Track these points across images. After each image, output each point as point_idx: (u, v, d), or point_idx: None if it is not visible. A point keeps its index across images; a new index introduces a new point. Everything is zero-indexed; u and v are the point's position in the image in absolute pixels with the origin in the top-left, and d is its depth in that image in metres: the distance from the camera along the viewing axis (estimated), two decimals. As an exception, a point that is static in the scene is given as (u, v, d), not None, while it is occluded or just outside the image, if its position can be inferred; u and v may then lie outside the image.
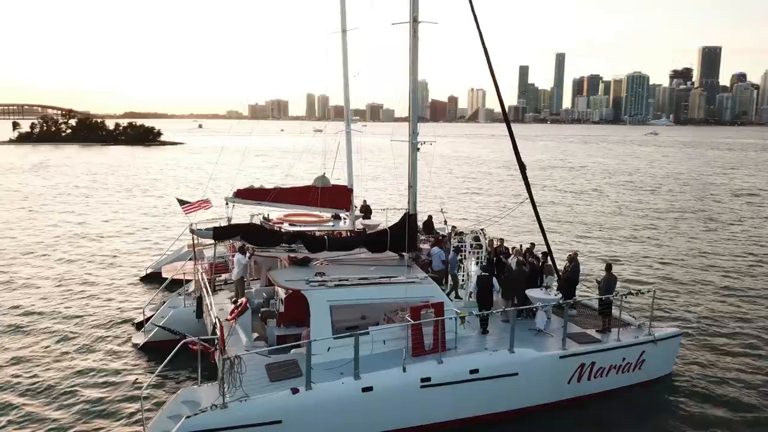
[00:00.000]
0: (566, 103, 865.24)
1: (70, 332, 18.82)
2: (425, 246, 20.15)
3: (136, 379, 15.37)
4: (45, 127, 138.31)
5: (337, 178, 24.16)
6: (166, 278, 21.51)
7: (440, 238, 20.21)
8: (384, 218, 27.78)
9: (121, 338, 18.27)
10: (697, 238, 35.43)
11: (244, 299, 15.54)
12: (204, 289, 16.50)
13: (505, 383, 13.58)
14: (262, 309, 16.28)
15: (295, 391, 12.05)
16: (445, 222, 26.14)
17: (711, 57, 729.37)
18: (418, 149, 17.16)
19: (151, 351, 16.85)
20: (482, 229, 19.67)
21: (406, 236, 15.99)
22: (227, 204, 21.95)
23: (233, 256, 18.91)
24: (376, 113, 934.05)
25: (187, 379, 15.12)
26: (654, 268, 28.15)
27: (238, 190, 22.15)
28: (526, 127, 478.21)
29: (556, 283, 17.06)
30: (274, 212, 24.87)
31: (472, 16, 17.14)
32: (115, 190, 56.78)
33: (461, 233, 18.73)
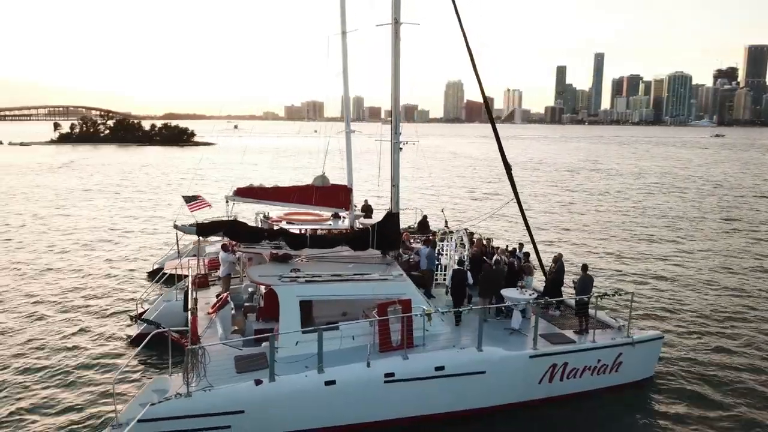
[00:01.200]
0: (605, 103, 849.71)
1: (70, 321, 19.69)
2: (417, 245, 20.36)
3: (118, 367, 15.98)
4: (84, 128, 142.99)
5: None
6: (166, 273, 22.20)
7: (429, 237, 20.37)
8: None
9: (116, 329, 18.97)
10: (720, 241, 34.66)
11: (225, 294, 16.01)
12: (191, 284, 17.03)
13: (472, 381, 13.66)
14: (246, 304, 16.74)
15: (258, 382, 12.42)
16: (446, 222, 26.24)
17: (757, 56, 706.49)
18: (401, 149, 17.36)
19: (141, 342, 17.49)
20: (465, 229, 19.76)
21: (368, 237, 16.28)
22: (227, 202, 22.52)
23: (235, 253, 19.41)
24: (410, 114, 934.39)
25: (165, 369, 15.67)
26: (653, 271, 27.77)
27: (238, 189, 22.63)
28: (563, 129, 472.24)
29: (533, 284, 17.05)
30: (275, 211, 25.32)
31: (456, 15, 17.27)
32: (140, 188, 58.40)
33: (444, 233, 18.85)
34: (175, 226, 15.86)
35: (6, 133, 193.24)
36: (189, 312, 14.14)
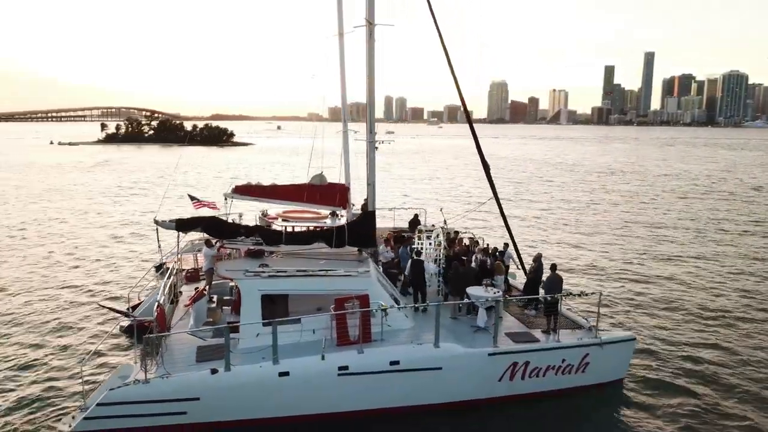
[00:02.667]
0: (655, 104, 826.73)
1: (69, 310, 20.68)
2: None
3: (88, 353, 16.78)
4: (129, 129, 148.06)
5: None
6: (168, 268, 23.05)
7: (403, 236, 20.68)
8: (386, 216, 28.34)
9: (111, 320, 19.87)
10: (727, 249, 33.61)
11: (201, 287, 16.62)
12: (174, 276, 17.73)
13: (428, 377, 13.83)
14: (225, 297, 17.33)
15: (214, 371, 12.93)
16: (445, 222, 26.35)
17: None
18: (377, 148, 17.67)
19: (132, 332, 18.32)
20: (443, 227, 19.88)
21: (344, 234, 16.63)
22: (226, 200, 23.27)
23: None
24: (453, 114, 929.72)
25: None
26: (642, 272, 27.39)
27: (237, 186, 23.31)
28: (610, 130, 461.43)
29: (501, 283, 17.09)
30: (274, 209, 25.95)
31: (431, 16, 17.46)
32: (166, 186, 60.23)
33: (421, 231, 18.99)
34: (155, 221, 16.54)
35: (59, 133, 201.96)
36: (157, 303, 14.78)
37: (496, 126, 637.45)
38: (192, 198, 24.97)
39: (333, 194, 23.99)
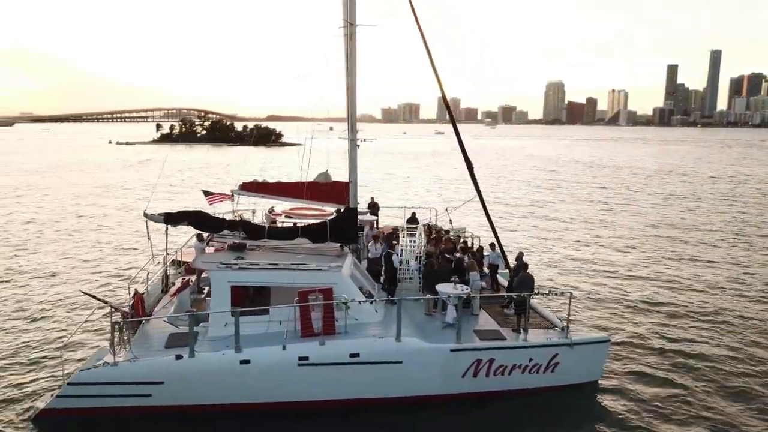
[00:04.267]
0: (721, 104, 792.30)
1: (71, 299, 21.88)
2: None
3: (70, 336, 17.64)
4: (183, 129, 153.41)
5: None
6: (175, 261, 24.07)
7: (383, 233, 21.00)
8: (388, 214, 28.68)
9: (101, 308, 20.87)
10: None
11: (186, 279, 17.36)
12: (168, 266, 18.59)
13: (387, 370, 14.03)
14: (209, 289, 18.03)
15: (178, 357, 13.56)
16: (450, 222, 26.45)
17: None
18: (358, 146, 18.01)
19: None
20: (426, 225, 19.99)
21: (325, 230, 17.05)
22: (233, 196, 24.11)
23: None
24: (508, 115, 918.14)
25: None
26: (628, 273, 26.83)
27: (243, 183, 24.07)
28: (671, 131, 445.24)
29: (478, 281, 17.08)
30: (281, 206, 26.62)
31: (413, 16, 17.65)
32: (200, 184, 62.20)
33: (401, 229, 19.18)
34: (145, 215, 17.37)
35: (119, 133, 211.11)
36: (135, 291, 15.60)
37: (551, 127, 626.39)
38: (206, 193, 25.96)
39: (337, 192, 24.50)
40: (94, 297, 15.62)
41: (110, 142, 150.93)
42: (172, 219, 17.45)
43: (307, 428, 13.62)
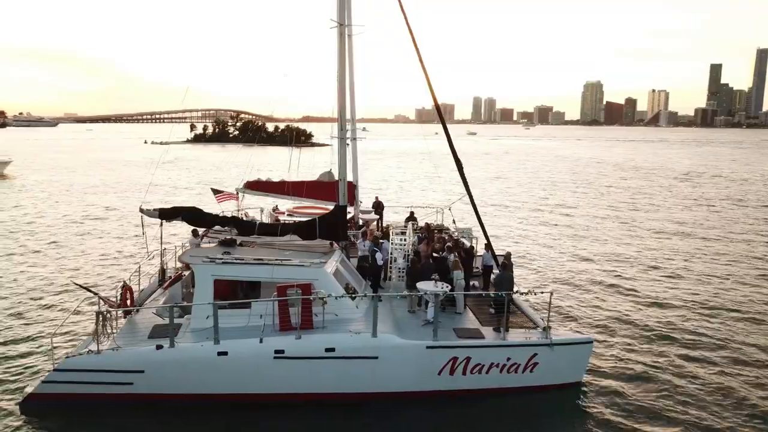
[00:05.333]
0: (767, 105, 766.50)
1: (72, 292, 22.59)
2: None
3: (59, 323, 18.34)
4: (216, 129, 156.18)
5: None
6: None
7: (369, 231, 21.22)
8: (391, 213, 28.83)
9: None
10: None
11: (179, 272, 17.86)
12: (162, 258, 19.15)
13: (363, 365, 14.23)
14: None
15: (159, 347, 14.02)
16: (454, 221, 26.48)
17: None
18: (348, 144, 18.23)
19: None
20: (412, 223, 20.04)
21: (314, 227, 17.34)
22: (238, 194, 24.67)
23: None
24: (544, 116, 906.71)
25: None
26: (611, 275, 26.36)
27: (248, 182, 24.67)
28: (714, 132, 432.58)
29: (462, 280, 17.11)
30: (286, 204, 27.08)
31: (403, 18, 17.80)
32: (221, 184, 63.48)
33: (388, 227, 19.31)
34: (141, 210, 17.93)
35: (156, 133, 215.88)
36: (123, 282, 16.16)
37: (588, 128, 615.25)
38: (215, 191, 26.67)
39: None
40: (84, 288, 16.23)
41: (145, 142, 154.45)
42: (166, 214, 17.97)
43: (289, 423, 13.84)
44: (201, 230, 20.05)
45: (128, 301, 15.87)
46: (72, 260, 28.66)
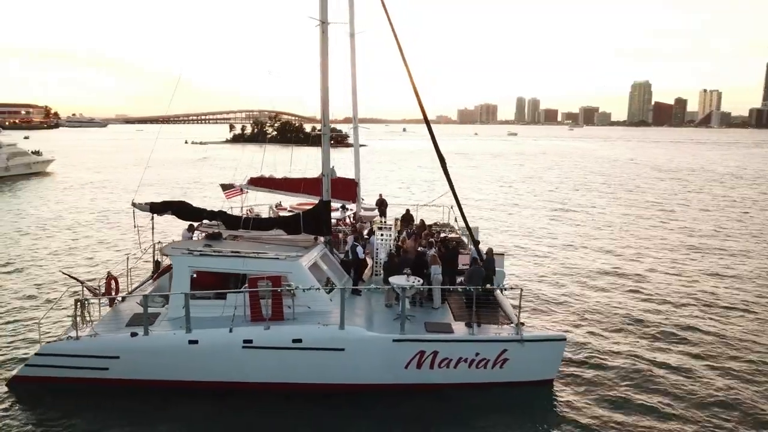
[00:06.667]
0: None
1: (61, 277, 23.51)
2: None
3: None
4: (254, 130, 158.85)
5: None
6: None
7: (355, 228, 21.42)
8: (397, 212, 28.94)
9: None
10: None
11: (166, 264, 18.45)
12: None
13: (330, 356, 14.45)
14: None
15: (134, 335, 14.60)
16: (456, 219, 26.45)
17: None
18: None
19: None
20: (396, 219, 20.12)
21: (299, 222, 17.68)
22: (241, 190, 25.25)
23: None
24: (590, 116, 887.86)
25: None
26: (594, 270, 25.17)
27: (251, 178, 25.22)
28: None
29: (439, 275, 17.12)
30: (289, 200, 27.52)
31: (387, 19, 17.95)
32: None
33: (375, 223, 19.43)
34: (133, 204, 18.61)
35: (198, 133, 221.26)
36: (108, 273, 16.81)
37: (636, 129, 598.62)
38: (224, 187, 27.30)
39: (343, 188, 25.16)
40: (70, 276, 16.96)
41: (186, 142, 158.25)
42: (157, 208, 18.60)
43: (258, 412, 14.07)
44: (196, 224, 20.62)
45: (113, 291, 16.51)
46: (78, 251, 29.98)
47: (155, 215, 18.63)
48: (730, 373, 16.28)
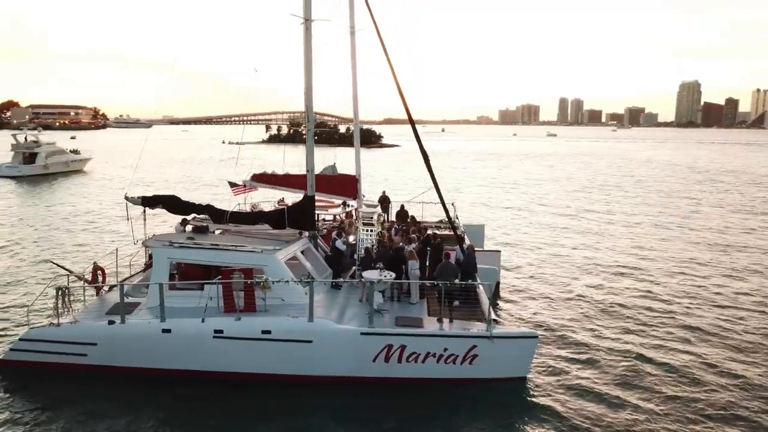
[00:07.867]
0: None
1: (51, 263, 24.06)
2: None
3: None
4: (290, 131, 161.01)
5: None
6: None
7: (341, 225, 21.49)
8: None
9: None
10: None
11: (154, 257, 18.97)
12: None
13: (298, 348, 14.64)
14: None
15: (111, 323, 15.12)
16: (457, 217, 26.38)
17: None
18: (316, 138, 18.76)
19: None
20: (380, 214, 20.14)
21: (283, 216, 17.93)
22: (244, 186, 25.76)
23: None
24: (635, 117, 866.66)
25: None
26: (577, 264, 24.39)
27: (254, 175, 25.70)
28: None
29: (417, 270, 17.11)
30: (291, 197, 27.87)
31: (372, 22, 18.10)
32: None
33: (358, 218, 19.48)
34: (126, 198, 19.22)
35: (236, 134, 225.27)
36: (94, 263, 17.41)
37: (683, 130, 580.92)
38: (231, 184, 27.91)
39: (344, 185, 25.40)
40: (58, 265, 17.65)
41: (223, 142, 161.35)
42: (149, 202, 19.17)
43: (231, 401, 14.33)
44: (189, 218, 21.13)
45: (99, 280, 17.10)
46: (81, 243, 31.21)
47: (147, 208, 19.20)
48: (711, 370, 16.02)
